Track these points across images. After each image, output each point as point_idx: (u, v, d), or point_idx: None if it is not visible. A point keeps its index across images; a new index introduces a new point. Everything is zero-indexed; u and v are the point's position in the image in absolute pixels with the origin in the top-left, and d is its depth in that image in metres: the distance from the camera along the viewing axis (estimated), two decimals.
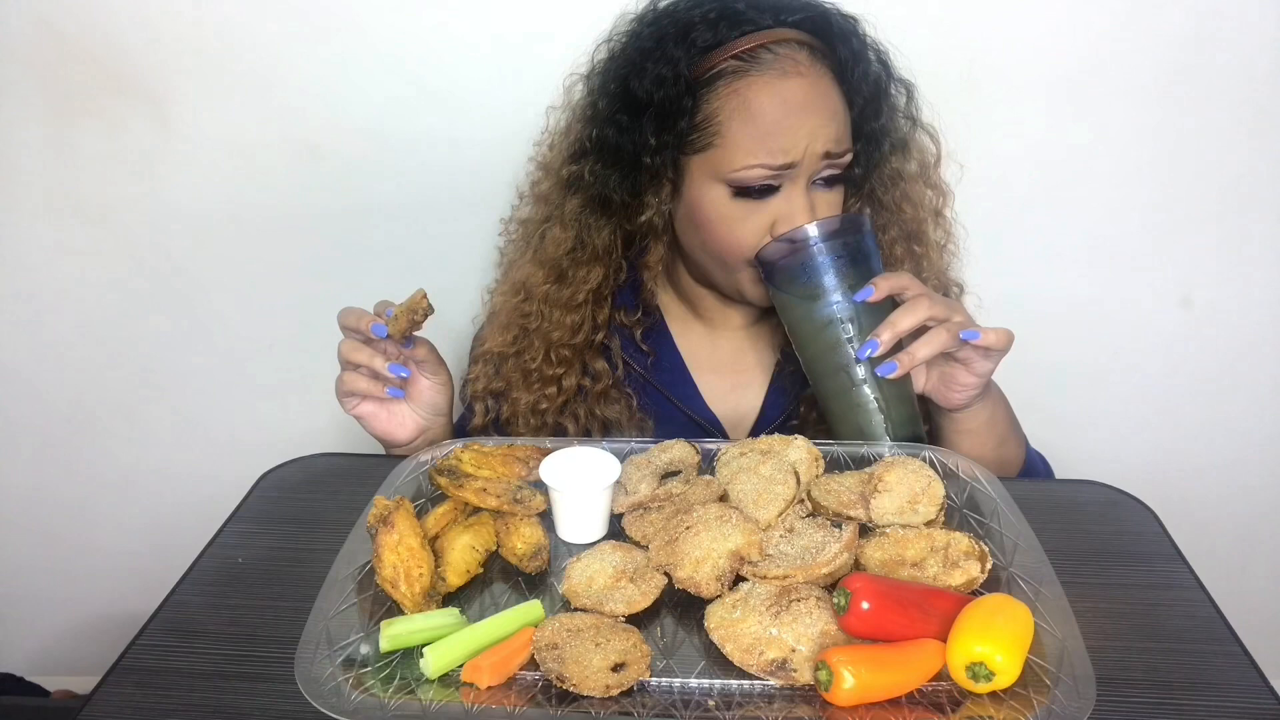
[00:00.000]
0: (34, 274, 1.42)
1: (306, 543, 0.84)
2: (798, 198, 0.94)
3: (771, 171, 0.92)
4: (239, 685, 0.68)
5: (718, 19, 0.93)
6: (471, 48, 1.27)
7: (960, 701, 0.64)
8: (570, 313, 1.05)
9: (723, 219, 0.95)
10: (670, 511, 0.80)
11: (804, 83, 0.92)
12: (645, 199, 0.99)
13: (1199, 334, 1.42)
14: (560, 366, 1.06)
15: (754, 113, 0.92)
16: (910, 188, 1.04)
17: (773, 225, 0.94)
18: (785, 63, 0.92)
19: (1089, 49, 1.25)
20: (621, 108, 0.97)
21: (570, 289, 1.04)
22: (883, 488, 0.80)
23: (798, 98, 0.92)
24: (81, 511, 1.61)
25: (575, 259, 1.04)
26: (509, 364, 1.08)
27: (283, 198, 1.36)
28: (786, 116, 0.91)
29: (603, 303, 1.07)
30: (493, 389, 1.09)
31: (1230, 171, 1.31)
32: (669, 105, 0.94)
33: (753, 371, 1.11)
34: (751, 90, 0.92)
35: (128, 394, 1.51)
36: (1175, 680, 0.68)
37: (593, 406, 1.07)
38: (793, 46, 0.93)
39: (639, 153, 0.96)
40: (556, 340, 1.05)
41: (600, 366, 1.07)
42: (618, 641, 0.67)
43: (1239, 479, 1.52)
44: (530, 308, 1.06)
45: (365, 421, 1.00)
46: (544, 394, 1.06)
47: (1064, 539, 0.82)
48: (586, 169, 1.01)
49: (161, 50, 1.27)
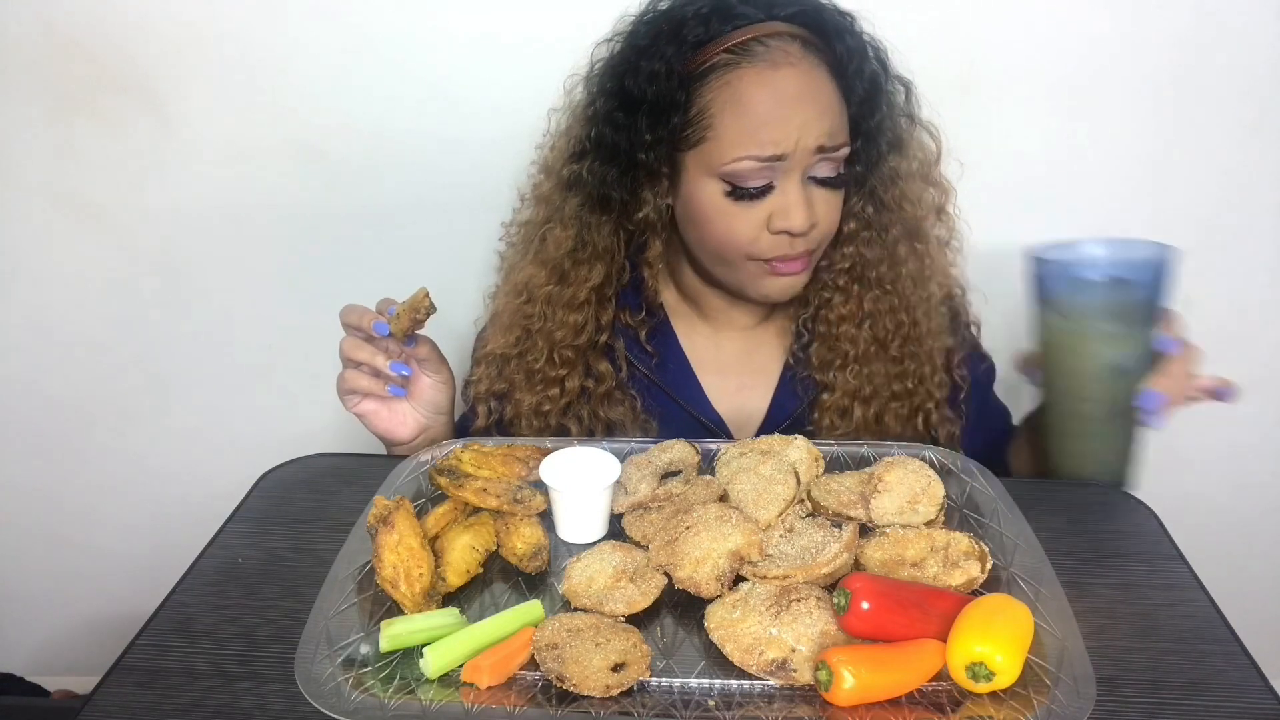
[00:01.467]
0: (34, 274, 1.42)
1: (306, 543, 0.84)
2: (793, 191, 0.93)
3: (761, 163, 0.91)
4: (239, 685, 0.68)
5: (710, 14, 0.93)
6: (472, 48, 1.27)
7: (960, 701, 0.64)
8: (572, 312, 1.04)
9: (719, 214, 0.95)
10: (670, 511, 0.80)
11: (795, 73, 0.92)
12: (643, 195, 0.99)
13: (1198, 334, 1.42)
14: (563, 367, 1.05)
15: (744, 104, 0.91)
16: (909, 185, 1.03)
17: (769, 219, 0.94)
18: (776, 54, 0.92)
19: (1089, 49, 1.25)
20: (617, 105, 0.97)
21: (572, 289, 1.04)
22: (883, 488, 0.80)
23: (789, 88, 0.91)
24: (81, 511, 1.61)
25: (576, 258, 1.04)
26: (511, 365, 1.07)
27: (283, 198, 1.36)
28: (777, 107, 0.91)
29: (606, 303, 1.06)
30: (495, 390, 1.09)
31: (1230, 171, 1.31)
32: (662, 101, 0.93)
33: (759, 373, 1.10)
34: (742, 82, 0.92)
35: (128, 394, 1.51)
36: (1175, 680, 0.68)
37: (596, 408, 1.07)
38: (785, 39, 0.92)
39: (635, 149, 0.96)
40: (559, 340, 1.05)
41: (604, 368, 1.07)
42: (618, 641, 0.67)
43: (1239, 478, 1.52)
44: (532, 309, 1.06)
45: (366, 419, 1.00)
46: (546, 395, 1.06)
47: (1064, 539, 0.82)
48: (585, 168, 1.01)
49: (161, 50, 1.27)
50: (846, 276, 1.04)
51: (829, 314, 1.05)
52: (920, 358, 1.05)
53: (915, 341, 1.05)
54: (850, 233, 1.02)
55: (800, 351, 1.07)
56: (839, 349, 1.05)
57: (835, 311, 1.05)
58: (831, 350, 1.05)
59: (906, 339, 1.05)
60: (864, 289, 1.04)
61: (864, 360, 1.04)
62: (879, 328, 1.04)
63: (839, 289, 1.04)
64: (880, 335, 1.05)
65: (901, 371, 1.05)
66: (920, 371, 1.05)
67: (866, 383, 1.04)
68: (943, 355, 1.07)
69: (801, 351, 1.07)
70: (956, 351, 1.08)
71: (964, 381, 1.08)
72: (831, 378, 1.05)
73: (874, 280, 1.04)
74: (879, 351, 1.05)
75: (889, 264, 1.04)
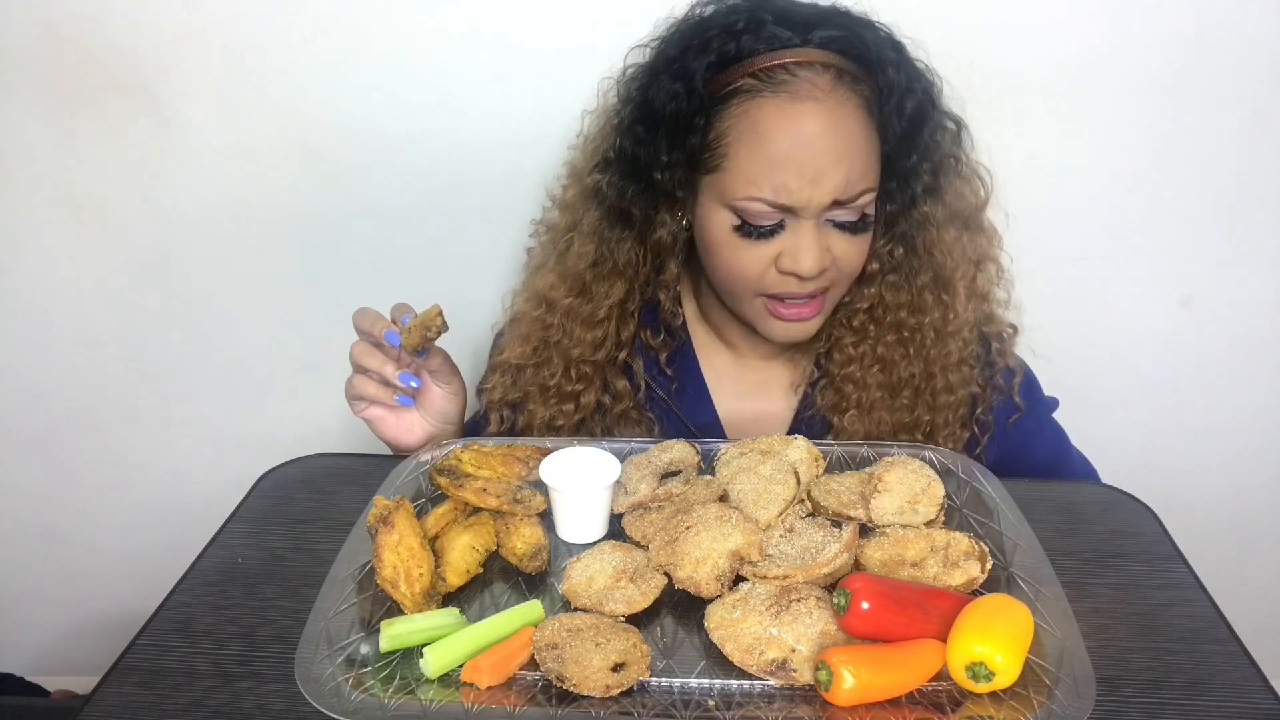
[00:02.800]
0: (34, 274, 1.42)
1: (306, 543, 0.84)
2: (806, 234, 0.89)
3: (772, 208, 0.88)
4: (239, 685, 0.69)
5: (742, 30, 0.87)
6: (478, 49, 1.26)
7: (960, 701, 0.64)
8: (592, 329, 1.01)
9: (728, 246, 0.92)
10: (670, 511, 0.80)
11: (819, 110, 0.86)
12: (660, 216, 0.96)
13: (1198, 334, 1.42)
14: (580, 383, 1.03)
15: (761, 139, 0.86)
16: (943, 232, 0.97)
17: (778, 258, 0.90)
18: (803, 86, 0.86)
19: (1089, 49, 1.25)
20: (640, 118, 0.94)
21: (592, 304, 1.01)
22: (883, 488, 0.80)
23: (809, 128, 0.86)
24: (82, 511, 1.61)
25: (597, 273, 1.00)
26: (527, 375, 1.05)
27: (283, 198, 1.36)
28: (794, 149, 0.86)
29: (627, 319, 1.03)
30: (509, 399, 1.06)
31: (1230, 171, 1.31)
32: (681, 120, 0.90)
33: (778, 403, 1.07)
34: (762, 113, 0.87)
35: (128, 394, 1.51)
36: (1175, 680, 0.68)
37: (611, 426, 1.04)
38: (816, 70, 0.86)
39: (653, 168, 0.93)
40: (577, 357, 1.02)
41: (622, 386, 1.04)
42: (618, 641, 0.67)
43: (1238, 479, 1.52)
44: (552, 320, 1.02)
45: (373, 425, 0.99)
46: (561, 409, 1.03)
47: (1064, 539, 0.82)
48: (606, 180, 0.98)
49: (161, 50, 1.27)
50: (864, 317, 1.00)
51: (838, 354, 1.01)
52: (934, 409, 1.00)
53: (930, 395, 1.00)
54: (873, 273, 0.98)
55: (812, 389, 1.04)
56: (845, 392, 1.01)
57: (845, 352, 1.01)
58: (838, 393, 1.01)
59: (919, 391, 1.00)
60: (880, 332, 0.99)
61: (870, 407, 1.00)
62: (890, 374, 1.00)
63: (852, 329, 1.00)
64: (892, 382, 1.00)
65: (911, 422, 1.00)
66: (933, 422, 1.01)
67: (874, 429, 1.00)
68: (962, 407, 1.01)
69: (813, 389, 1.04)
70: (982, 400, 1.03)
71: (983, 433, 1.03)
72: (838, 421, 1.01)
73: (891, 324, 0.99)
74: (886, 400, 1.00)
75: (910, 310, 0.99)
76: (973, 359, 1.02)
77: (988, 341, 1.04)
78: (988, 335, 1.04)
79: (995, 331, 1.05)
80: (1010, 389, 1.04)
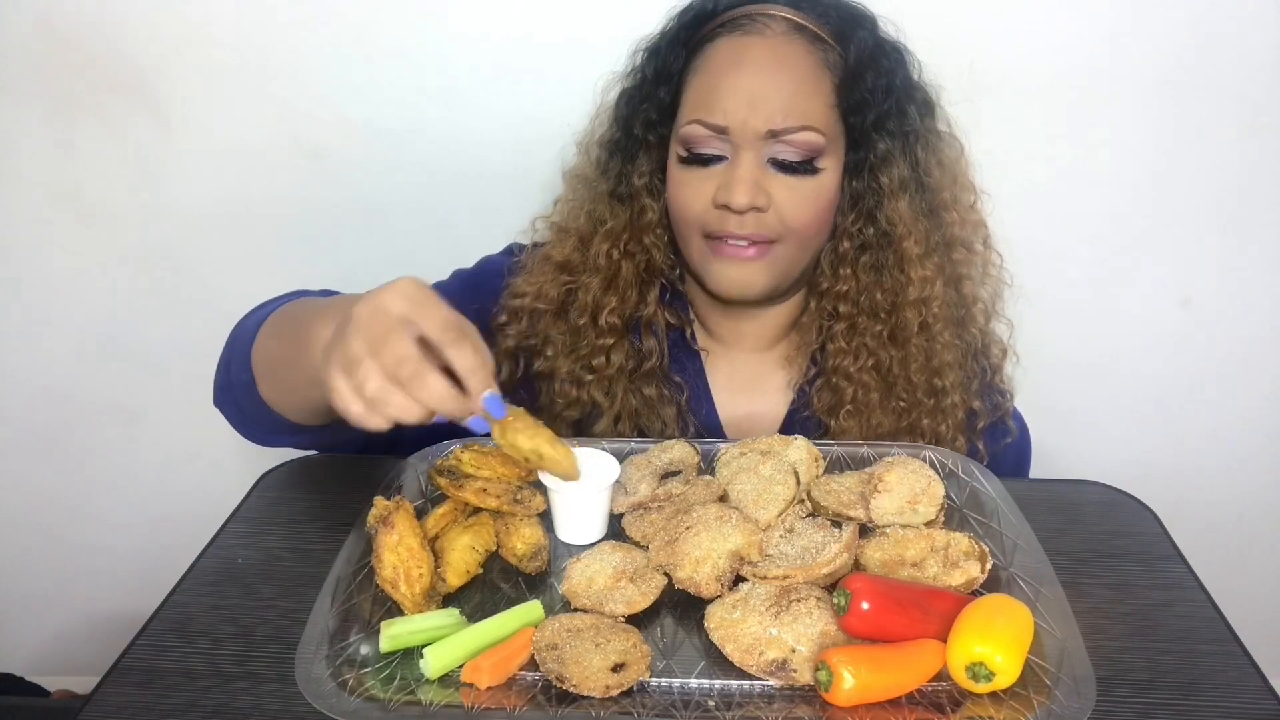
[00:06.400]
0: (34, 274, 1.42)
1: (306, 543, 0.84)
2: (742, 166, 0.89)
3: (708, 131, 0.90)
4: (239, 685, 0.69)
5: None
6: (474, 47, 1.26)
7: (960, 701, 0.64)
8: (610, 293, 1.00)
9: (675, 181, 0.94)
10: (670, 511, 0.80)
11: (765, 44, 0.90)
12: (645, 201, 0.99)
13: (1199, 334, 1.42)
14: (610, 336, 1.01)
15: (709, 70, 0.92)
16: (899, 204, 0.95)
17: (715, 192, 0.91)
18: (756, 24, 0.91)
19: (1089, 49, 1.25)
20: (636, 84, 0.99)
21: (609, 266, 1.01)
22: (883, 488, 0.80)
23: (751, 55, 0.89)
24: (81, 511, 1.61)
25: (611, 250, 1.01)
26: (546, 320, 1.02)
27: (283, 198, 1.36)
28: (732, 73, 0.90)
29: (650, 283, 1.02)
30: (525, 346, 1.03)
31: (1230, 171, 1.31)
32: (661, 74, 0.95)
33: (771, 398, 1.06)
34: (715, 49, 0.92)
35: (128, 394, 1.51)
36: (1175, 680, 0.68)
37: (640, 386, 1.02)
38: (775, 18, 0.91)
39: (633, 120, 0.98)
40: (604, 306, 1.00)
41: (651, 345, 1.02)
42: (618, 642, 0.67)
43: (1238, 479, 1.52)
44: (573, 280, 1.02)
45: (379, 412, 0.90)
46: (591, 364, 1.01)
47: (1064, 539, 0.82)
48: (610, 152, 1.01)
49: (161, 50, 1.27)
50: (849, 306, 0.99)
51: (830, 345, 1.00)
52: (930, 413, 0.98)
53: (926, 395, 0.98)
54: (845, 253, 0.98)
55: (807, 387, 1.03)
56: (841, 390, 0.99)
57: (836, 343, 0.99)
58: (834, 393, 1.00)
59: (913, 386, 0.98)
60: (868, 322, 0.98)
61: (867, 408, 0.98)
62: (881, 368, 0.98)
63: (839, 316, 1.00)
64: (885, 380, 0.99)
65: (910, 425, 0.99)
66: (934, 429, 0.99)
67: (872, 434, 0.98)
68: (959, 411, 1.00)
69: (809, 387, 1.03)
70: (982, 416, 1.02)
71: (985, 451, 1.02)
72: (834, 424, 1.00)
73: (871, 310, 0.98)
74: (883, 401, 0.99)
75: (884, 291, 0.98)
76: (964, 361, 1.01)
77: (984, 365, 1.04)
78: (979, 352, 1.04)
79: (988, 350, 1.05)
80: (1004, 413, 1.05)
